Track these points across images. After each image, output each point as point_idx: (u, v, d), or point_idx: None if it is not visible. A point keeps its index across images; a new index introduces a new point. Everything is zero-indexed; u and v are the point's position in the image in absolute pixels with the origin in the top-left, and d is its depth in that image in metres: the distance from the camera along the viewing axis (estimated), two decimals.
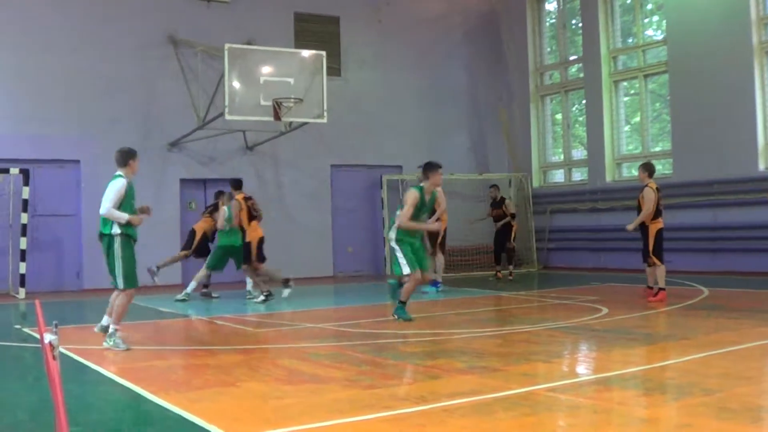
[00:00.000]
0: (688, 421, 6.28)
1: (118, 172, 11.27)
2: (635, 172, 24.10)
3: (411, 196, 13.41)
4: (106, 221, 10.82)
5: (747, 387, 7.41)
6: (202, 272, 18.12)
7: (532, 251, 26.13)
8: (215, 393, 7.78)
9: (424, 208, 13.68)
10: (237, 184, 18.13)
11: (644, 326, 12.12)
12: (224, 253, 17.89)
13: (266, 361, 9.60)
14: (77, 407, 7.23)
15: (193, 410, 6.89)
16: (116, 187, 10.93)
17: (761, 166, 20.45)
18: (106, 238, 10.84)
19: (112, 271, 10.83)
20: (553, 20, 27.50)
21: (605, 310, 13.68)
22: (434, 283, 18.37)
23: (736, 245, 20.60)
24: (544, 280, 21.88)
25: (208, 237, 19.00)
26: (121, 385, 8.19)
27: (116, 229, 10.76)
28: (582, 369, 9.19)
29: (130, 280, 10.82)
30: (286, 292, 17.80)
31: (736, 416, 6.27)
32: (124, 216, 10.74)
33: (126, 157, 11.43)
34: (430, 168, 13.71)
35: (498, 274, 22.35)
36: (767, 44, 20.60)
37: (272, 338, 11.73)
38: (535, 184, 27.06)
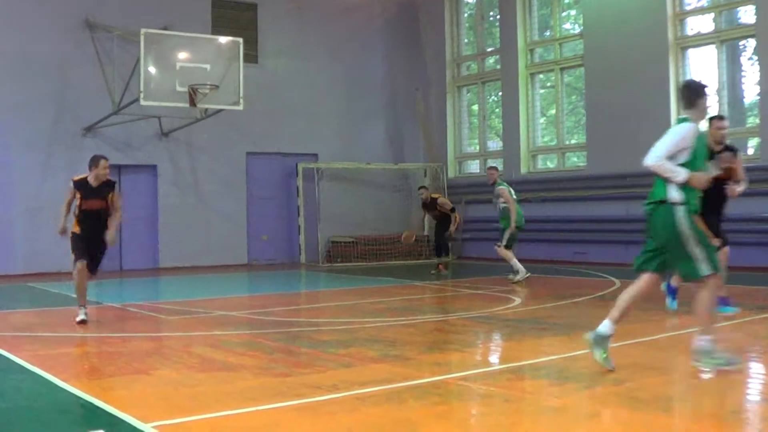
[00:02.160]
0: (599, 410, 6.37)
1: (683, 115, 8.13)
2: (550, 164, 24.43)
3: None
4: (660, 185, 7.70)
5: (656, 377, 7.53)
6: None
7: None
8: (128, 380, 7.72)
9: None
10: None
11: (556, 316, 12.24)
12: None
13: (179, 349, 9.52)
14: None
15: (106, 398, 6.82)
16: (680, 132, 7.92)
17: None
18: (660, 210, 7.64)
19: (685, 258, 7.54)
20: (472, 11, 27.62)
21: (518, 300, 13.81)
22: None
23: (640, 238, 20.87)
24: (458, 271, 21.98)
25: None
26: (33, 373, 8.06)
27: (675, 194, 7.51)
28: (494, 358, 9.28)
29: (713, 260, 7.49)
30: None
31: (645, 405, 6.36)
32: (681, 172, 7.56)
33: (693, 94, 8.07)
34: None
35: (440, 266, 20.78)
36: (682, 40, 20.92)
37: (185, 326, 11.64)
38: (451, 174, 27.17)
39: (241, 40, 20.19)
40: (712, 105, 21.03)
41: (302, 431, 5.92)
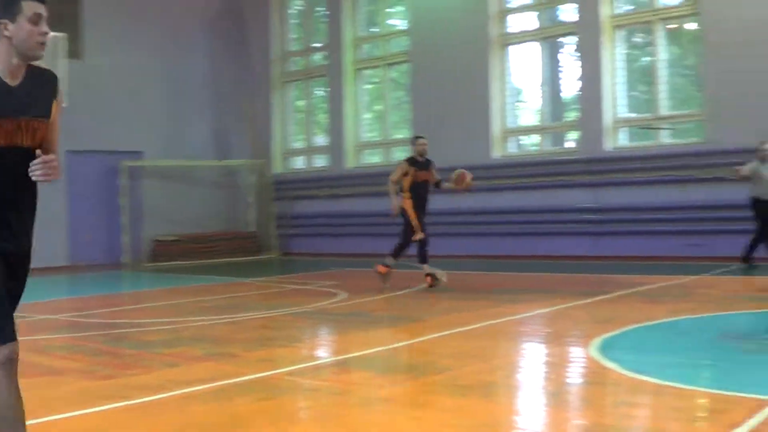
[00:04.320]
0: (425, 398, 6.49)
1: None
2: (376, 159, 24.63)
3: None
4: None
5: (478, 364, 7.72)
6: None
7: (273, 237, 26.21)
8: None
9: None
10: None
11: (381, 309, 12.39)
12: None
13: None
14: None
15: None
16: None
17: (495, 155, 21.24)
18: None
19: None
20: (299, 7, 27.60)
21: (344, 294, 13.90)
22: None
23: (472, 230, 21.32)
24: (283, 266, 22.02)
25: None
26: None
27: None
28: (320, 352, 9.34)
29: None
30: None
31: (468, 392, 6.53)
32: None
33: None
34: None
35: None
36: (505, 37, 21.47)
37: None
38: (278, 170, 27.11)
39: (64, 35, 19.77)
40: (533, 100, 21.67)
41: None
